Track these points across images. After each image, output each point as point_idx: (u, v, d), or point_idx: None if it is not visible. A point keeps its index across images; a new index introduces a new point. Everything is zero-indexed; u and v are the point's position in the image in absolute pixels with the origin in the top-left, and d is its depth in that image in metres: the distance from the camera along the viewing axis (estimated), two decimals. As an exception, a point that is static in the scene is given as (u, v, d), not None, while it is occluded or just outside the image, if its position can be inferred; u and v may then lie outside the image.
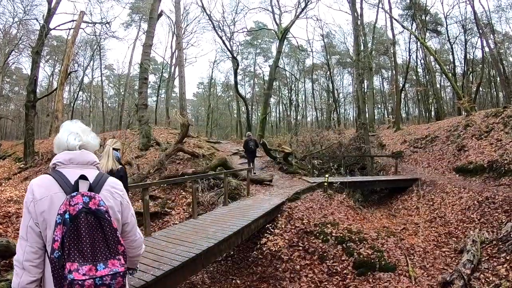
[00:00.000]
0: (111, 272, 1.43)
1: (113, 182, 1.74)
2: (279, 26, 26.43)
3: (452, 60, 30.04)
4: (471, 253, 6.62)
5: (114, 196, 1.68)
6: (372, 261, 6.90)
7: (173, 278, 4.28)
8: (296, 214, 8.40)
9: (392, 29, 27.56)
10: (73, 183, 1.55)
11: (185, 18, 32.44)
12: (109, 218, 1.51)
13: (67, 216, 1.42)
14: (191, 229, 6.19)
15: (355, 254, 7.12)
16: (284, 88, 44.76)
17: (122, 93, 36.81)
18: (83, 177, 1.57)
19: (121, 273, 1.47)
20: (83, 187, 1.55)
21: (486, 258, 6.63)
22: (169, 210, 9.42)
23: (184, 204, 9.73)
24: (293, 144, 18.18)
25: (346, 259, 7.06)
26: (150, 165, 11.87)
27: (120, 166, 4.12)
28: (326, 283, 6.65)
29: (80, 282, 1.34)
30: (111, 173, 3.87)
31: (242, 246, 8.22)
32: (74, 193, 1.48)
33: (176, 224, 7.85)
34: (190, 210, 8.65)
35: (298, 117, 42.04)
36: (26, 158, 17.12)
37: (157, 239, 5.54)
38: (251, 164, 13.49)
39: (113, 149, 4.11)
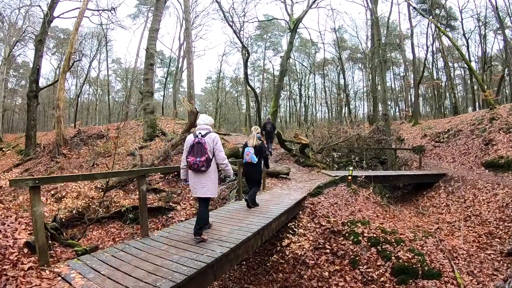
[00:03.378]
0: (199, 160, 4.33)
1: (211, 134, 4.54)
2: (291, 17, 25.45)
3: (467, 55, 28.86)
4: (525, 257, 5.62)
5: (210, 138, 4.47)
6: (414, 266, 5.86)
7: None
8: (320, 211, 7.28)
9: (409, 18, 26.31)
10: (197, 134, 4.51)
11: (194, 10, 31.69)
12: (204, 145, 4.38)
13: (191, 143, 4.47)
14: (199, 228, 5.14)
15: (392, 258, 6.06)
16: (294, 83, 43.90)
17: (129, 85, 36.13)
18: (200, 132, 4.54)
19: (202, 160, 4.33)
20: (199, 135, 4.48)
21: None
22: (174, 205, 8.56)
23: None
24: (309, 136, 17.16)
25: (382, 264, 6.00)
26: (154, 156, 10.92)
27: (260, 141, 6.74)
28: (360, 293, 5.63)
29: (190, 160, 4.38)
30: (255, 147, 6.50)
31: (258, 248, 7.19)
32: (195, 137, 4.48)
33: (182, 221, 6.87)
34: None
35: (309, 112, 41.10)
36: (28, 149, 16.37)
37: (157, 241, 4.35)
38: (268, 144, 14.31)
39: (257, 133, 6.72)
